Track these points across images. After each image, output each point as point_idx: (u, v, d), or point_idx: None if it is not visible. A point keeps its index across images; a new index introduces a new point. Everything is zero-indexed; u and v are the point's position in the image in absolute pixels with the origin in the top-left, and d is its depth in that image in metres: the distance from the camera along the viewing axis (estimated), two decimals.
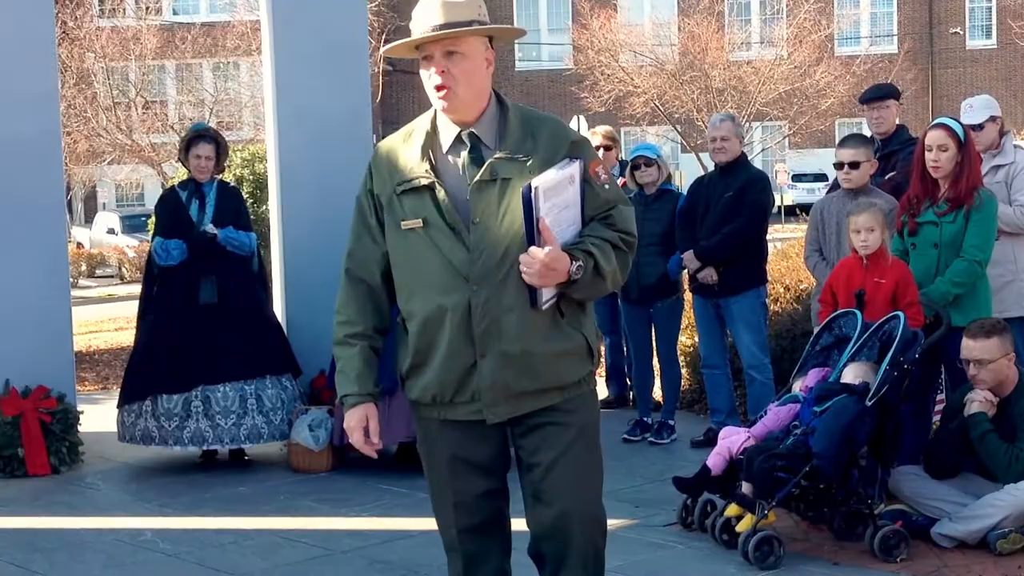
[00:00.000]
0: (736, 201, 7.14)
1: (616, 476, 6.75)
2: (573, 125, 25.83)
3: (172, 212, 7.23)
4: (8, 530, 6.01)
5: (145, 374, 7.05)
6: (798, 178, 34.03)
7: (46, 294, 7.27)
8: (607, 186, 3.42)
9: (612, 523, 5.77)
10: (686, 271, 7.41)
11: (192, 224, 7.14)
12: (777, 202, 28.68)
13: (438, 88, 3.33)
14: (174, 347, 7.00)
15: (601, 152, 8.55)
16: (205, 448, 7.13)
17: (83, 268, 25.46)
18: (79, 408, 7.36)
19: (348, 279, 3.51)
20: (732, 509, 5.40)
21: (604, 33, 29.96)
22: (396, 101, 32.88)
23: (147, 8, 24.00)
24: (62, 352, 7.42)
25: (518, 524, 3.58)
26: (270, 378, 7.17)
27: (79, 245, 29.04)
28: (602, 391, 8.81)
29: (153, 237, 7.33)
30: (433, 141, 3.41)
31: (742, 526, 5.28)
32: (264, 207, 10.65)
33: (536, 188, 3.17)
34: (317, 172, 7.69)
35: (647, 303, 7.59)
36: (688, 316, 8.11)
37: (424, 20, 3.34)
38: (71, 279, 7.72)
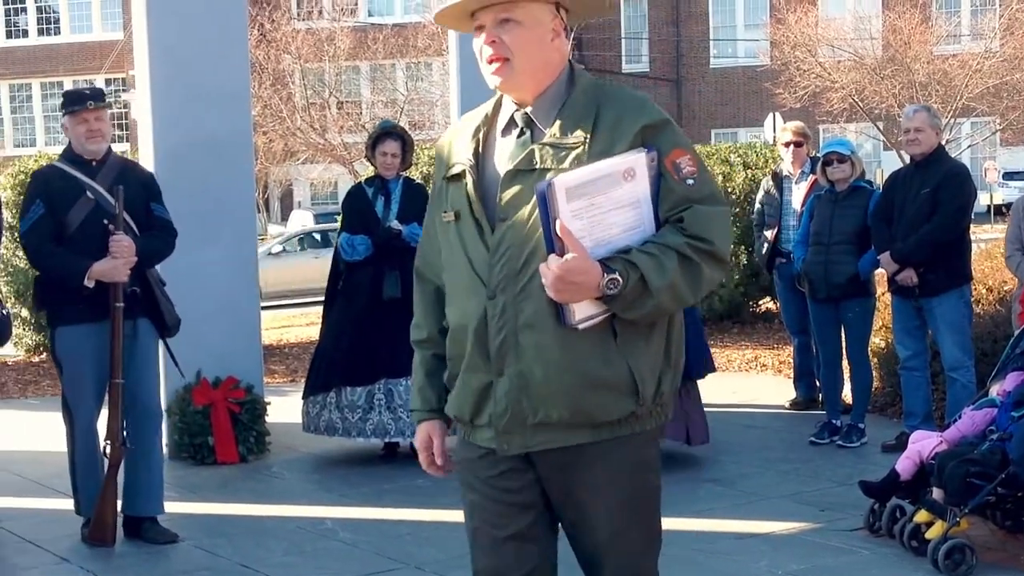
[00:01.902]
0: (934, 197, 6.84)
1: (802, 479, 6.60)
2: (768, 123, 25.44)
3: (358, 208, 7.34)
4: (197, 515, 6.19)
5: (329, 367, 7.17)
6: (1010, 176, 32.63)
7: (236, 288, 7.49)
8: (690, 180, 2.80)
9: (796, 526, 5.69)
10: (884, 272, 7.15)
11: (378, 220, 7.23)
12: (986, 201, 27.57)
13: (489, 61, 2.84)
14: (358, 340, 7.10)
15: (791, 149, 8.35)
16: (387, 440, 7.21)
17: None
18: (267, 399, 7.56)
19: (416, 277, 3.10)
20: (922, 515, 5.18)
21: (801, 28, 29.33)
22: None
23: (342, 10, 24.57)
24: (251, 344, 7.64)
25: None
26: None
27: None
28: (790, 392, 8.62)
29: (340, 232, 7.46)
30: (491, 122, 2.95)
31: (932, 533, 5.06)
32: None
33: (553, 185, 2.64)
34: None
35: (837, 302, 7.36)
36: (880, 316, 7.84)
37: None
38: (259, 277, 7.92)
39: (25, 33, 33.68)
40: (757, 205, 8.79)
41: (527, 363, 2.77)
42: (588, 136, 2.78)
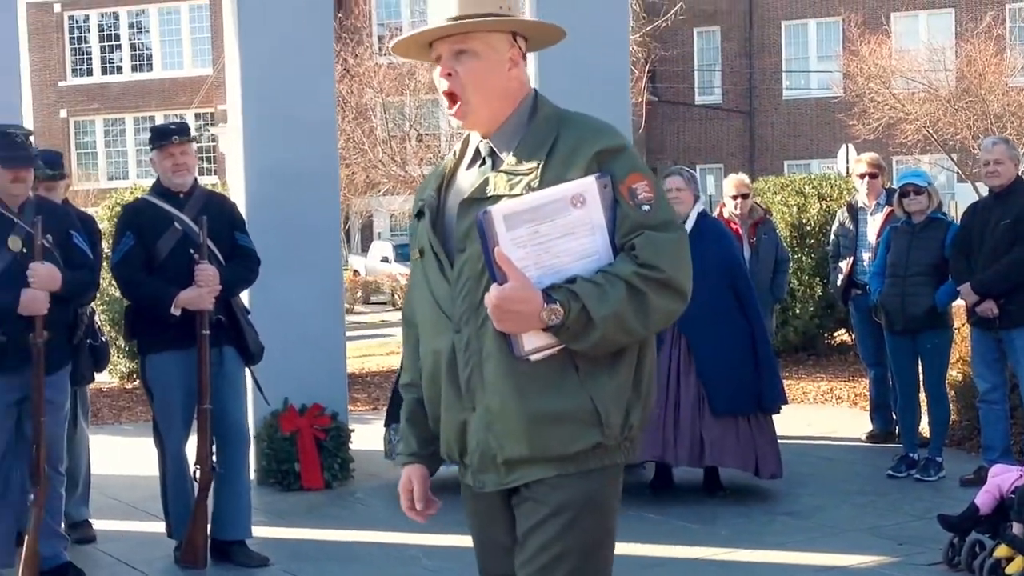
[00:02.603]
0: (1013, 228, 6.86)
1: (879, 512, 6.61)
2: (841, 154, 25.29)
3: None
4: (284, 540, 6.33)
5: None
6: None
7: (323, 317, 7.67)
8: (645, 207, 2.69)
9: (874, 560, 5.72)
10: (963, 303, 7.16)
11: None
12: None
13: (445, 95, 2.82)
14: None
15: (866, 180, 8.38)
16: None
17: (359, 295, 26.54)
18: (351, 427, 7.71)
19: (404, 323, 3.06)
20: (1002, 550, 5.19)
21: (875, 59, 29.18)
22: (660, 131, 32.96)
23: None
24: (336, 373, 7.81)
25: None
26: None
27: (355, 273, 30.30)
28: (866, 425, 8.62)
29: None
30: (459, 157, 2.92)
31: (1013, 568, 5.07)
32: None
33: (489, 213, 2.59)
34: None
35: (914, 334, 7.37)
36: (958, 349, 7.83)
37: (438, 12, 2.82)
38: (347, 305, 8.09)
39: (120, 69, 34.51)
40: (832, 236, 8.84)
41: (489, 396, 2.71)
42: (541, 163, 2.72)
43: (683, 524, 6.43)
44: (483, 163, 2.83)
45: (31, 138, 5.55)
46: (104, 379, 11.55)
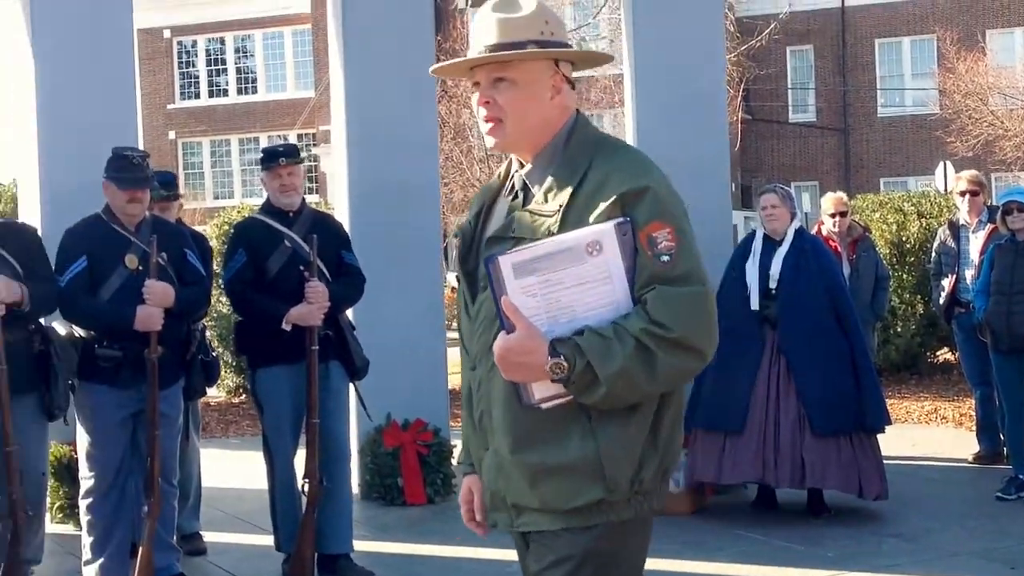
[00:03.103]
0: None
1: (989, 535, 6.49)
2: (939, 171, 24.95)
3: None
4: (387, 554, 6.40)
5: None
6: None
7: (425, 333, 7.75)
8: (664, 257, 2.52)
9: None
10: None
11: None
12: None
13: (484, 120, 2.72)
14: None
15: (967, 198, 8.28)
16: None
17: (456, 311, 26.63)
18: (452, 442, 7.78)
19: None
20: None
21: (972, 76, 28.72)
22: (756, 149, 32.74)
23: None
24: (438, 388, 7.88)
25: None
26: None
27: (453, 289, 30.45)
28: (972, 445, 8.48)
29: None
30: (502, 182, 2.82)
31: None
32: None
33: (497, 260, 2.48)
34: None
35: (1020, 353, 7.25)
36: None
37: (477, 39, 2.71)
38: (445, 321, 8.17)
39: (225, 92, 35.20)
40: (934, 255, 8.73)
41: (498, 440, 2.64)
42: (564, 205, 2.59)
43: (786, 545, 6.38)
44: (516, 196, 2.73)
45: (147, 160, 5.70)
46: (212, 393, 11.72)
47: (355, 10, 7.79)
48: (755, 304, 6.79)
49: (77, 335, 5.47)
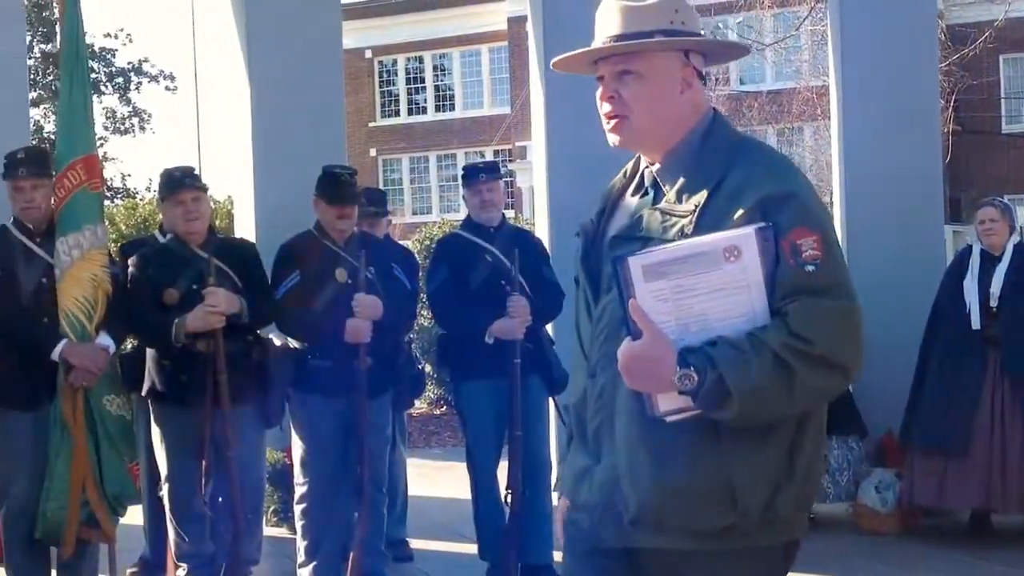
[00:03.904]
0: None
1: None
2: None
3: None
4: None
5: None
6: None
7: None
8: (809, 267, 2.32)
9: None
10: None
11: None
12: None
13: (606, 117, 2.55)
14: None
15: None
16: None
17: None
18: None
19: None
20: None
21: None
22: (966, 161, 31.64)
23: (716, 79, 24.90)
24: None
25: None
26: (836, 438, 7.16)
27: None
28: None
29: None
30: (628, 179, 2.66)
31: None
32: None
33: (627, 262, 2.32)
34: (891, 235, 7.63)
35: None
36: None
37: (601, 29, 2.55)
38: None
39: (424, 110, 36.02)
40: None
41: (618, 454, 2.45)
42: (701, 205, 2.41)
43: (1005, 570, 6.15)
44: (645, 193, 2.57)
45: (355, 177, 5.89)
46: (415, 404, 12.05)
47: (555, 26, 7.88)
48: (976, 323, 6.55)
49: (292, 346, 5.69)
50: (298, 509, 5.77)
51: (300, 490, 5.76)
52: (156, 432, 5.44)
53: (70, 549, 5.07)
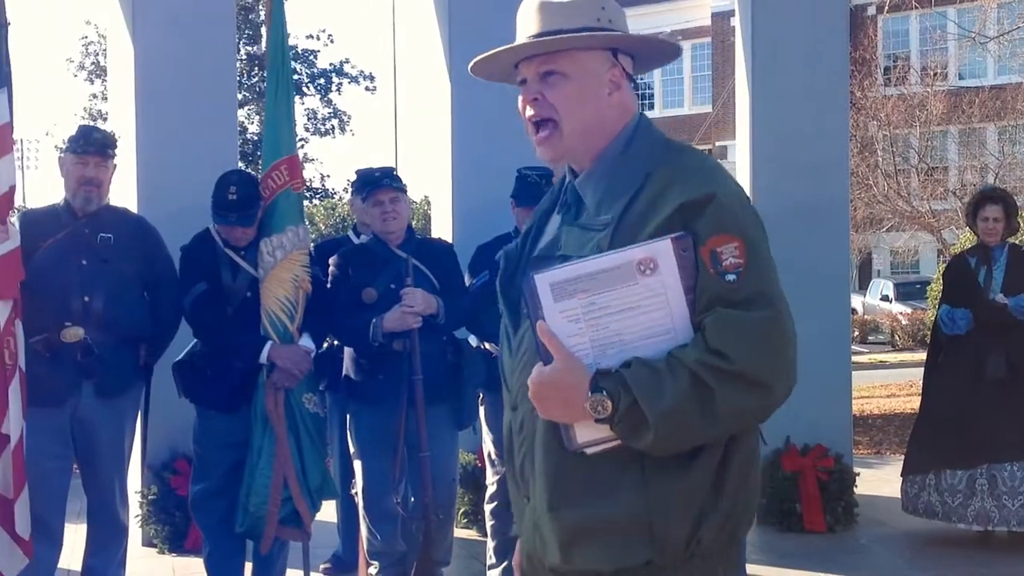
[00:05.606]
0: None
1: None
2: None
3: (959, 279, 7.10)
4: None
5: (929, 447, 6.92)
6: None
7: (830, 357, 7.48)
8: (730, 276, 2.12)
9: None
10: None
11: (979, 291, 6.95)
12: None
13: (531, 124, 2.34)
14: (959, 420, 6.80)
15: None
16: (990, 528, 6.82)
17: (856, 333, 25.90)
18: (855, 470, 7.47)
19: None
20: None
21: None
22: None
23: (934, 74, 23.96)
24: (841, 414, 7.61)
25: None
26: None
27: (853, 311, 29.59)
28: None
29: (940, 304, 7.26)
30: (557, 193, 2.45)
31: None
32: None
33: (534, 280, 2.13)
34: None
35: None
36: None
37: (522, 29, 2.35)
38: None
39: None
40: None
41: (537, 491, 2.26)
42: (617, 216, 2.20)
43: None
44: (568, 209, 2.35)
45: (549, 179, 5.81)
46: None
47: (765, 21, 7.68)
48: None
49: (484, 347, 5.66)
50: (488, 509, 5.75)
51: (490, 490, 5.73)
52: (351, 431, 5.49)
53: (269, 543, 5.15)
